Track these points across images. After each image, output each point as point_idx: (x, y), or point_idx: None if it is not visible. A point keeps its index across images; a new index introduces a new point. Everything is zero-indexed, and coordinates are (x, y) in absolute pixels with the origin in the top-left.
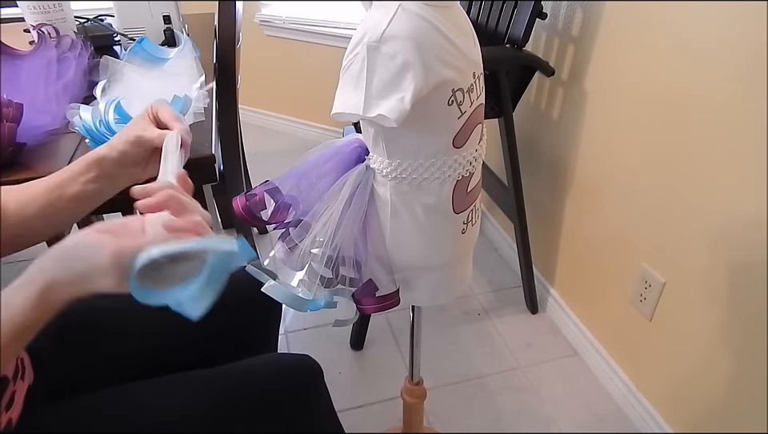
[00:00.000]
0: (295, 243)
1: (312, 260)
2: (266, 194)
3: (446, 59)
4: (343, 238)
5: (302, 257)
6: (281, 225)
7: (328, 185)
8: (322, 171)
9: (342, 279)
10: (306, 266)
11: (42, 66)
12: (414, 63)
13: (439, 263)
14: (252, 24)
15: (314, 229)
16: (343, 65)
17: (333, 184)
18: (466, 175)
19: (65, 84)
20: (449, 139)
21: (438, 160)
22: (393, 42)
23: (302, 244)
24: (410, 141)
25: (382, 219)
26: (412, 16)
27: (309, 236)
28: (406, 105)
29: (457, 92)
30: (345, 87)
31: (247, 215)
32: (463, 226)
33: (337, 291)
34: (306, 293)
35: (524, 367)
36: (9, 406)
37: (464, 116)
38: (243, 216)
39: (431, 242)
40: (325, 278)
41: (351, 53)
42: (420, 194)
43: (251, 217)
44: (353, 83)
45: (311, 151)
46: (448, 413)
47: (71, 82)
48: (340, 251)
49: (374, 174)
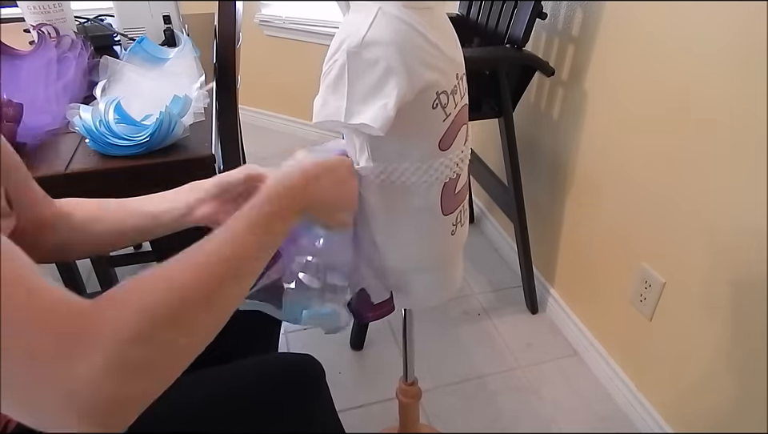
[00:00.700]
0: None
1: (301, 269)
2: None
3: (429, 62)
4: (332, 245)
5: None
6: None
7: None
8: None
9: (330, 288)
10: (294, 276)
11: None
12: (397, 68)
13: (430, 266)
14: (252, 24)
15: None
16: (323, 71)
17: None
18: (454, 177)
19: (65, 84)
20: (435, 142)
21: (424, 164)
22: (374, 48)
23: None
24: (396, 146)
25: (371, 224)
26: (392, 19)
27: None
28: (390, 111)
29: (441, 95)
30: (326, 94)
31: None
32: (452, 227)
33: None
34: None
35: (524, 367)
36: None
37: (449, 118)
38: None
39: (421, 245)
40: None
41: (331, 59)
42: (408, 198)
43: None
44: (333, 90)
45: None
46: (448, 413)
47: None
48: (329, 259)
49: (360, 179)
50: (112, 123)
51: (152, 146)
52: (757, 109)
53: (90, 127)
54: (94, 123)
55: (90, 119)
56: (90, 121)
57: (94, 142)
